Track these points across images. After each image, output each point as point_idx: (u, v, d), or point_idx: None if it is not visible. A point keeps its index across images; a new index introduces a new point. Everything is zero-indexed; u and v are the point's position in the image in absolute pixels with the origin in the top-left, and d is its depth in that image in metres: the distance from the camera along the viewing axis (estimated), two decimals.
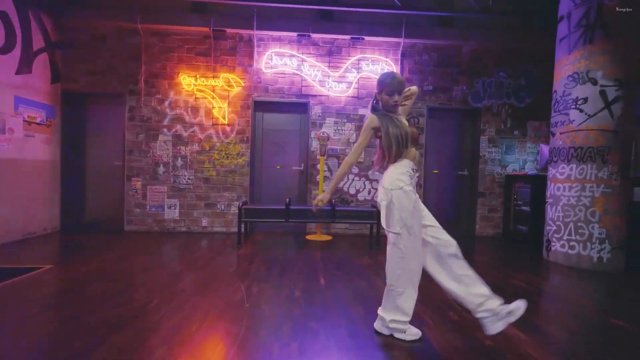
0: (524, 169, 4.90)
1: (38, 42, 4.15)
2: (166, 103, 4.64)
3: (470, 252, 4.05)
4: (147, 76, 4.59)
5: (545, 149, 4.49)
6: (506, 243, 4.53)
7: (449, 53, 4.82)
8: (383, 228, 1.76)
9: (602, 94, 3.21)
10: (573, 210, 3.31)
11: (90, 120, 4.74)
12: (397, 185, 1.68)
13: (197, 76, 4.61)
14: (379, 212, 1.81)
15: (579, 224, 3.27)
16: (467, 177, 5.01)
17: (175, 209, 4.71)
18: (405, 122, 1.81)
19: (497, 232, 4.89)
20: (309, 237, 4.49)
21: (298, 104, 4.79)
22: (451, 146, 5.03)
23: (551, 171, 3.58)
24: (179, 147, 4.68)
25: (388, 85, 1.72)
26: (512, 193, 4.67)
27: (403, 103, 1.81)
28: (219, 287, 2.47)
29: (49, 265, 2.91)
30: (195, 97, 4.65)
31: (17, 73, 3.88)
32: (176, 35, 4.61)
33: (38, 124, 4.20)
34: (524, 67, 4.87)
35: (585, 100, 3.28)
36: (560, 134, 3.47)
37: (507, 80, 4.87)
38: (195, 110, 4.67)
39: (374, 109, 1.80)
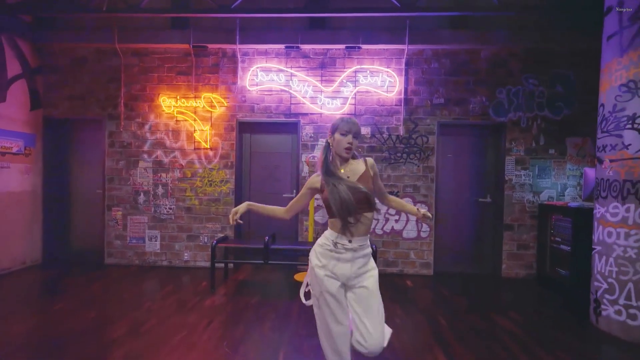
0: (563, 196, 3.97)
1: (14, 68, 3.98)
2: (146, 127, 4.30)
3: (496, 301, 3.27)
4: (127, 99, 4.28)
5: (590, 172, 3.57)
6: (541, 290, 3.65)
7: (464, 59, 4.05)
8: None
9: None
10: (633, 267, 2.44)
11: (71, 147, 4.52)
12: (311, 258, 1.58)
13: (178, 97, 4.23)
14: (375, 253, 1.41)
15: None
16: (489, 205, 4.17)
17: (156, 241, 4.32)
18: (354, 181, 1.56)
19: (530, 274, 3.97)
20: (297, 276, 3.90)
21: (287, 124, 4.25)
22: (469, 168, 4.22)
23: (599, 209, 2.72)
24: (159, 174, 4.30)
25: (340, 125, 1.56)
26: (548, 227, 3.77)
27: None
28: None
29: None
30: (176, 120, 4.27)
31: None
32: (156, 54, 4.26)
33: (14, 153, 4.00)
34: (561, 71, 3.98)
35: None
36: (611, 161, 2.61)
37: (539, 88, 4.00)
38: (176, 133, 4.28)
39: (325, 159, 1.58)
